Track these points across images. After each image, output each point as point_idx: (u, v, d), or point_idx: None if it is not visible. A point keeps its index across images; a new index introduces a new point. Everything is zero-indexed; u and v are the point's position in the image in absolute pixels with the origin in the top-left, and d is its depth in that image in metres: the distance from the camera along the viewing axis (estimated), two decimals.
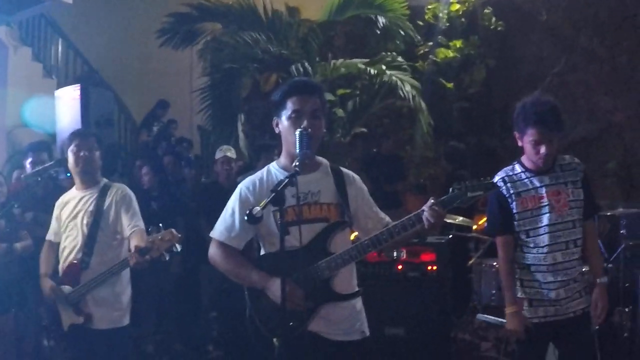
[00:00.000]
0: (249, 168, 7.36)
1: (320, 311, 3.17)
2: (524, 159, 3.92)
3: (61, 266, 4.48)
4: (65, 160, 4.65)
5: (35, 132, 8.54)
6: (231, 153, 7.21)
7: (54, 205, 4.71)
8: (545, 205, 3.81)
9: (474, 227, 6.94)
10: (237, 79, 8.69)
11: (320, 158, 3.37)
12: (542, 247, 3.83)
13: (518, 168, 3.93)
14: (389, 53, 8.88)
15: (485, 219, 5.67)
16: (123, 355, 4.55)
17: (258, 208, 2.81)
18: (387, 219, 3.39)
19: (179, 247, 3.97)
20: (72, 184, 4.76)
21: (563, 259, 3.82)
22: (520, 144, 3.86)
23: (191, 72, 11.52)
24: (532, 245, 3.88)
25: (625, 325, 6.30)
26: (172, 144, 10.34)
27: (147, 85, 11.82)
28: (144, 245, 4.01)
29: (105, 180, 4.64)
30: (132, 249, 4.12)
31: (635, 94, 9.25)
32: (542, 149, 3.73)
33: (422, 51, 9.64)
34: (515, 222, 3.89)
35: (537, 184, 3.87)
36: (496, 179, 3.89)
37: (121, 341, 4.49)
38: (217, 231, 3.31)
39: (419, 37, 9.53)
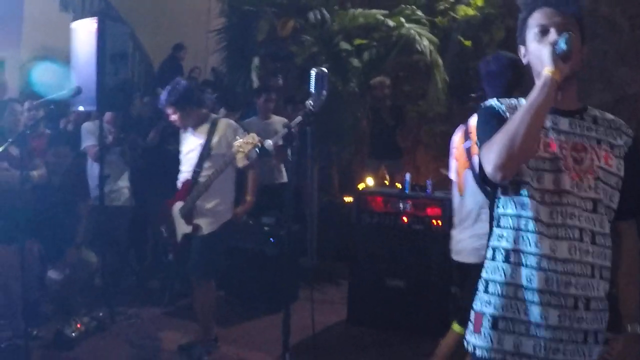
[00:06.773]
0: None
1: None
2: None
3: (179, 186, 5.50)
4: (80, 89, 4.99)
5: (49, 67, 8.50)
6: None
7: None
8: (554, 159, 2.28)
9: None
10: (254, 22, 8.61)
11: None
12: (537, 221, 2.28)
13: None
14: (408, 6, 8.76)
15: None
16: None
17: (270, 142, 2.85)
18: None
19: (258, 150, 3.98)
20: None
21: (570, 255, 2.20)
22: (526, 62, 2.60)
23: (209, 12, 11.44)
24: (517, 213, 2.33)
25: None
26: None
27: (163, 25, 11.75)
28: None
29: (213, 116, 5.53)
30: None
31: None
32: (551, 35, 2.38)
33: (442, 7, 9.48)
34: None
35: (548, 123, 2.34)
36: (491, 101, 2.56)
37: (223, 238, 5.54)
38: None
39: None
